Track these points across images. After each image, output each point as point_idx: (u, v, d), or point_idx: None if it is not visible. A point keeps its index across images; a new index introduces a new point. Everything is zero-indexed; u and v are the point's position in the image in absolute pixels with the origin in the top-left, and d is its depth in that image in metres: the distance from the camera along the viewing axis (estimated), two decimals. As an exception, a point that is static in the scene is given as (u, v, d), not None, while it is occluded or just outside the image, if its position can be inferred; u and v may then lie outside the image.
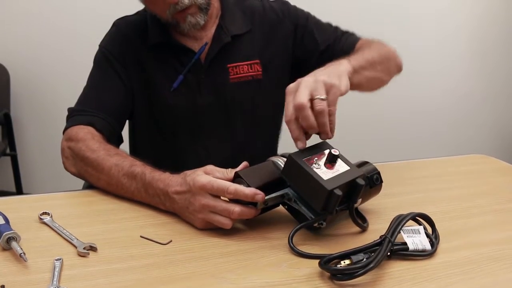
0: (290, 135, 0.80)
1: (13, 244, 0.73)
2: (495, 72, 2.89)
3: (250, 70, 1.17)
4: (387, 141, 2.70)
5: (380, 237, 0.72)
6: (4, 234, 0.73)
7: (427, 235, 0.77)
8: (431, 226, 0.80)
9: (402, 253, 0.73)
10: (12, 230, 0.75)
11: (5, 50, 2.23)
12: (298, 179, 0.76)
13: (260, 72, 1.18)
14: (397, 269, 0.71)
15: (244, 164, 0.83)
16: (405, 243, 0.74)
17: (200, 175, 0.80)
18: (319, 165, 0.76)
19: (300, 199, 0.79)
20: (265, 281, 0.68)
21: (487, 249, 0.78)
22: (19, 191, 2.30)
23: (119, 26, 1.21)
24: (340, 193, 0.73)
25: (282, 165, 0.81)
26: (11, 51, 2.24)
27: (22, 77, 2.28)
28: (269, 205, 0.81)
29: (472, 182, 1.10)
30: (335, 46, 1.19)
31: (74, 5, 2.23)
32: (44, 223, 0.83)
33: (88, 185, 1.03)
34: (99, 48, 1.19)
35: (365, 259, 0.68)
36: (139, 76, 1.16)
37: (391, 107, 2.69)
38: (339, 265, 0.68)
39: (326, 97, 0.78)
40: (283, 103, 0.81)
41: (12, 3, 2.19)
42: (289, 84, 0.81)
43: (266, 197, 0.78)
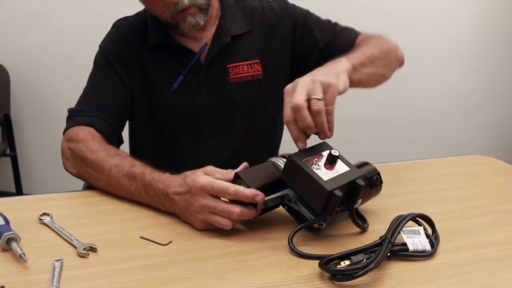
0: (290, 135, 0.80)
1: (13, 244, 0.73)
2: (495, 73, 2.89)
3: (250, 70, 1.17)
4: (387, 142, 2.70)
5: (380, 238, 0.72)
6: (4, 235, 0.73)
7: (427, 236, 0.77)
8: (431, 227, 0.80)
9: (402, 253, 0.73)
10: (12, 230, 0.75)
11: (5, 50, 2.23)
12: (298, 180, 0.76)
13: (260, 72, 1.18)
14: (397, 269, 0.71)
15: (244, 165, 0.83)
16: (405, 244, 0.74)
17: (200, 176, 0.80)
18: (319, 166, 0.76)
19: (300, 199, 0.79)
20: (265, 281, 0.68)
21: (487, 250, 0.78)
22: (19, 191, 2.30)
23: (119, 26, 1.21)
24: (340, 193, 0.73)
25: (282, 166, 0.81)
26: (11, 52, 2.24)
27: (22, 77, 2.27)
28: (269, 206, 0.81)
29: (472, 183, 1.10)
30: (334, 42, 1.19)
31: (74, 5, 2.23)
32: (44, 223, 0.83)
33: (88, 185, 1.03)
34: (99, 48, 1.19)
35: (365, 259, 0.68)
36: (139, 76, 1.16)
37: (391, 108, 2.69)
38: (339, 266, 0.68)
39: (323, 96, 0.78)
40: (283, 103, 0.82)
41: (12, 3, 2.19)
42: (287, 85, 0.81)
43: (266, 198, 0.78)
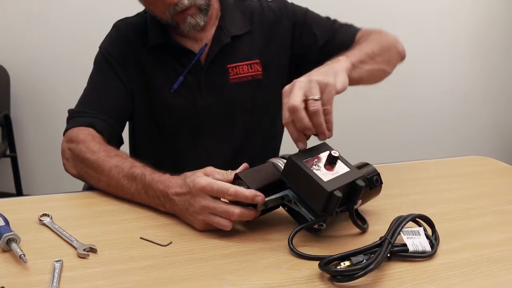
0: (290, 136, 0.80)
1: (13, 245, 0.73)
2: (495, 73, 2.89)
3: (250, 70, 1.17)
4: (387, 142, 2.70)
5: (380, 239, 0.72)
6: (4, 236, 0.73)
7: (427, 237, 0.77)
8: (431, 228, 0.80)
9: (402, 254, 0.73)
10: (12, 231, 0.75)
11: (5, 51, 2.23)
12: (298, 180, 0.76)
13: (260, 72, 1.18)
14: (397, 270, 0.71)
15: (244, 166, 0.83)
16: (405, 245, 0.74)
17: (200, 177, 0.80)
18: (319, 166, 0.76)
19: (300, 200, 0.79)
20: (265, 282, 0.68)
21: (487, 251, 0.78)
22: (19, 192, 2.30)
23: (119, 27, 1.21)
24: (340, 194, 0.73)
25: (282, 166, 0.81)
26: (11, 52, 2.24)
27: (22, 78, 2.28)
28: (269, 207, 0.81)
29: (471, 184, 1.10)
30: (334, 39, 1.18)
31: (74, 6, 2.23)
32: (44, 224, 0.83)
33: (88, 186, 1.03)
34: (99, 49, 1.19)
35: (365, 260, 0.68)
36: (139, 77, 1.16)
37: (391, 108, 2.70)
38: (339, 267, 0.68)
39: (319, 97, 0.77)
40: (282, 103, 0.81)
41: (12, 4, 2.19)
42: (285, 86, 0.81)
43: (266, 198, 0.78)
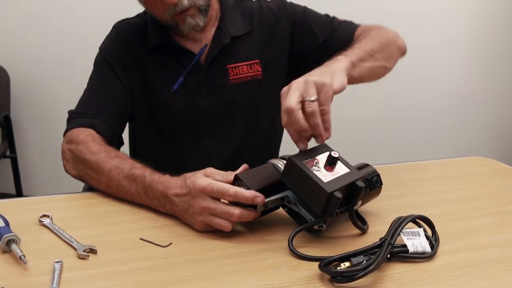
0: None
1: (13, 246, 0.73)
2: (495, 73, 2.89)
3: (250, 70, 1.17)
4: (387, 143, 2.70)
5: (380, 240, 0.72)
6: (4, 237, 0.73)
7: (427, 237, 0.77)
8: (431, 228, 0.80)
9: (402, 255, 0.73)
10: (12, 232, 0.75)
11: (5, 52, 2.23)
12: (298, 181, 0.76)
13: (260, 72, 1.18)
14: (397, 271, 0.71)
15: (244, 167, 0.83)
16: (405, 245, 0.74)
17: (200, 178, 0.80)
18: (319, 167, 0.76)
19: (300, 201, 0.79)
20: (265, 283, 0.68)
21: (487, 252, 0.78)
22: (19, 193, 2.30)
23: (119, 28, 1.21)
24: (340, 195, 0.73)
25: (282, 167, 0.81)
26: (11, 53, 2.24)
27: (22, 79, 2.28)
28: (269, 208, 0.81)
29: (471, 184, 1.10)
30: (333, 37, 1.18)
31: (74, 7, 2.23)
32: (44, 225, 0.83)
33: (88, 187, 1.03)
34: (99, 50, 1.19)
35: (365, 261, 0.68)
36: (139, 78, 1.16)
37: (391, 109, 2.70)
38: (339, 268, 0.68)
39: (316, 97, 0.77)
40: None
41: (13, 5, 2.19)
42: (284, 87, 0.81)
43: (266, 199, 0.78)
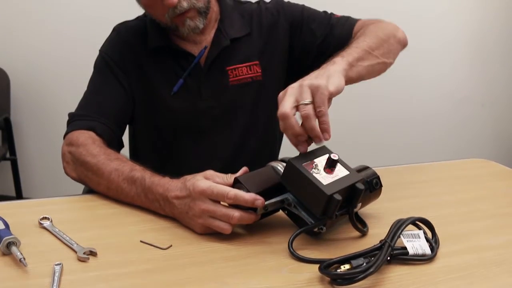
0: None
1: (13, 249, 0.73)
2: (494, 76, 2.89)
3: (250, 72, 1.17)
4: (386, 145, 2.70)
5: (380, 242, 0.72)
6: (4, 239, 0.73)
7: (427, 240, 0.77)
8: (431, 231, 0.80)
9: (402, 257, 0.73)
10: (12, 235, 0.75)
11: (5, 54, 2.23)
12: (298, 184, 0.76)
13: (259, 73, 1.18)
14: (397, 273, 0.71)
15: (243, 170, 0.84)
16: (405, 248, 0.74)
17: (200, 180, 0.80)
18: (319, 170, 0.76)
19: (300, 204, 0.79)
20: (265, 286, 0.68)
21: (487, 254, 0.78)
22: (19, 195, 2.30)
23: (119, 31, 1.21)
24: (339, 198, 0.73)
25: (281, 170, 0.81)
26: (11, 56, 2.24)
27: (23, 81, 2.28)
28: (269, 210, 0.80)
29: (471, 186, 1.09)
30: (332, 34, 1.18)
31: (74, 9, 2.23)
32: (44, 227, 0.83)
33: (88, 189, 1.03)
34: (100, 53, 1.20)
35: (365, 263, 0.68)
36: (139, 80, 1.17)
37: (391, 111, 2.69)
38: (339, 270, 0.68)
39: (310, 100, 0.77)
40: None
41: (13, 7, 2.20)
42: (287, 87, 0.81)
43: (265, 202, 0.78)
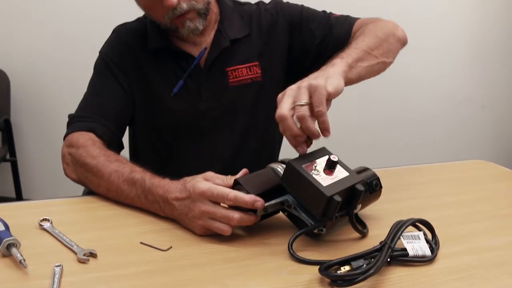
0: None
1: (13, 250, 0.73)
2: (495, 77, 2.90)
3: (249, 73, 1.17)
4: (386, 147, 2.70)
5: (380, 243, 0.72)
6: (4, 241, 0.73)
7: (427, 241, 0.77)
8: (431, 232, 0.80)
9: (402, 259, 0.73)
10: (12, 236, 0.75)
11: (5, 55, 2.23)
12: (298, 185, 0.76)
13: (259, 74, 1.18)
14: (397, 275, 0.71)
15: (243, 171, 0.84)
16: (405, 249, 0.74)
17: (200, 182, 0.80)
18: (318, 171, 0.76)
19: (299, 205, 0.79)
20: (265, 287, 0.68)
21: (487, 255, 0.78)
22: (19, 197, 2.30)
23: (119, 32, 1.21)
24: (339, 199, 0.73)
25: (281, 171, 0.81)
26: (11, 57, 2.24)
27: (23, 83, 2.28)
28: (268, 212, 0.81)
29: (471, 188, 1.10)
30: (331, 34, 1.18)
31: (74, 10, 2.24)
32: (44, 229, 0.83)
33: (88, 191, 1.03)
34: (100, 54, 1.20)
35: (365, 265, 0.68)
36: (139, 82, 1.17)
37: (391, 112, 2.70)
38: (339, 271, 0.68)
39: (306, 102, 0.77)
40: None
41: (13, 8, 2.20)
42: (286, 88, 0.81)
43: (265, 204, 0.78)
